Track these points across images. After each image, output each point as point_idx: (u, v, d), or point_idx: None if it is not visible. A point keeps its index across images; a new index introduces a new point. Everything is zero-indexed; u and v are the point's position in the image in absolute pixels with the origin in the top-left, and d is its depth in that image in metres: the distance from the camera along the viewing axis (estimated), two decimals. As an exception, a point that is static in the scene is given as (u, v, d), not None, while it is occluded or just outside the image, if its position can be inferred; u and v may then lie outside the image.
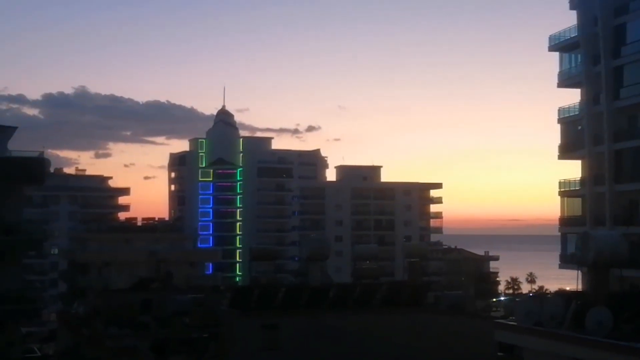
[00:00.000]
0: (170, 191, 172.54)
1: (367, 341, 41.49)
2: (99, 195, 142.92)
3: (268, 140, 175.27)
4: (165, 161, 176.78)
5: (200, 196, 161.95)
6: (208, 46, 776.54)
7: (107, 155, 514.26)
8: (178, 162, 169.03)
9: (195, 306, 57.72)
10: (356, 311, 44.59)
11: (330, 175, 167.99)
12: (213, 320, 50.24)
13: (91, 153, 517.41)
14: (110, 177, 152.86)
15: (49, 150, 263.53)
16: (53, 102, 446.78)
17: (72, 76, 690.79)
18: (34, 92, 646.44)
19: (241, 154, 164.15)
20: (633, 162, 63.05)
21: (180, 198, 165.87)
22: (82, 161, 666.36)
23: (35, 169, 48.45)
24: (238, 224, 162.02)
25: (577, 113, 69.09)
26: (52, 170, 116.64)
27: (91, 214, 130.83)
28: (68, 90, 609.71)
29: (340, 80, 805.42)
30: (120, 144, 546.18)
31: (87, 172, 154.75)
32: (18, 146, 51.68)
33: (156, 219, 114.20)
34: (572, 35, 68.79)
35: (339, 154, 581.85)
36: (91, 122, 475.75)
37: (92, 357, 46.99)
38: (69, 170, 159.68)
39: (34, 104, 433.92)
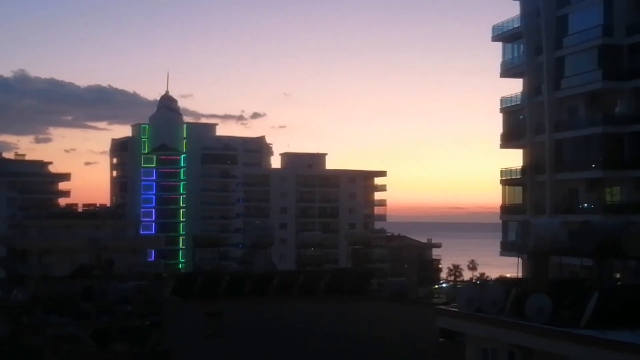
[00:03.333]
0: (112, 177, 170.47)
1: (311, 328, 41.61)
2: (38, 180, 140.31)
3: (212, 126, 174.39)
4: (107, 147, 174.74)
5: (143, 182, 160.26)
6: (151, 30, 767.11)
7: (47, 140, 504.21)
8: (120, 148, 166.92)
9: (138, 294, 57.25)
10: (300, 298, 44.76)
11: (275, 162, 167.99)
12: (155, 308, 49.89)
13: (31, 138, 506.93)
14: (51, 163, 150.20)
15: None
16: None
17: (11, 59, 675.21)
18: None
19: (185, 140, 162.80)
20: (573, 151, 64.14)
21: (122, 184, 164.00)
22: (22, 146, 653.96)
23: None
24: (181, 210, 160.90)
25: (519, 103, 69.94)
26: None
27: (31, 200, 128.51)
28: (7, 73, 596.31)
29: (286, 67, 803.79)
30: (61, 129, 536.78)
31: (27, 157, 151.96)
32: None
33: (97, 205, 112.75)
34: (515, 26, 69.56)
35: (284, 141, 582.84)
36: (31, 106, 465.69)
37: (32, 345, 46.20)
38: (8, 155, 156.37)
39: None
